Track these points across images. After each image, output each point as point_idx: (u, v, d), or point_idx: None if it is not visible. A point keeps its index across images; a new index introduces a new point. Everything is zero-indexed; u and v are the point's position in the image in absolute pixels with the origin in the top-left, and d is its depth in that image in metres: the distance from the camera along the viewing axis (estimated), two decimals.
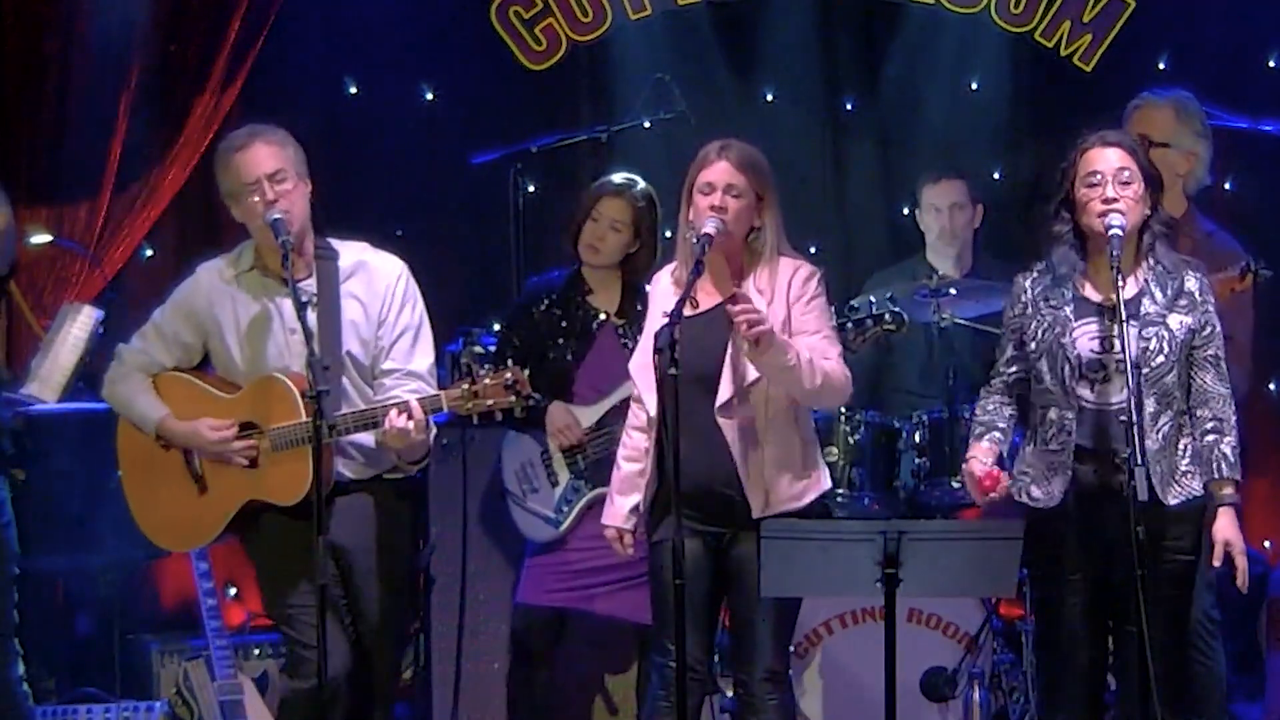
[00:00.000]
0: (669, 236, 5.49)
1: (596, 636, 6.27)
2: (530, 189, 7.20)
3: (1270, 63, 7.78)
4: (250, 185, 5.26)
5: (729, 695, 5.80)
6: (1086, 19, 7.78)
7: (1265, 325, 6.18)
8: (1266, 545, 7.51)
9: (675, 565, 4.94)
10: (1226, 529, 5.05)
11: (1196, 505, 5.08)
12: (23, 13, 7.19)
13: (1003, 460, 5.23)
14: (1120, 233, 4.98)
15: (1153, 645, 4.85)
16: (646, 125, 7.27)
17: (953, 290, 6.59)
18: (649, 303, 5.39)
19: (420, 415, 5.17)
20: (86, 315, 6.72)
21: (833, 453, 6.44)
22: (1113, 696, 5.29)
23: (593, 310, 6.08)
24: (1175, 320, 5.05)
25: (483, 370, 5.18)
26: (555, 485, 6.06)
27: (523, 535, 6.13)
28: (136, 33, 7.21)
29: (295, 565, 5.22)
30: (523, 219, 7.05)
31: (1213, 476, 5.06)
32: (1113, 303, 4.94)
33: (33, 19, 7.18)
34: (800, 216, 6.81)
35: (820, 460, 5.27)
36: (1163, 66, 7.69)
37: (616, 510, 5.32)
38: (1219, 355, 5.11)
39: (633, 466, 5.29)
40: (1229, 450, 5.06)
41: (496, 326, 6.66)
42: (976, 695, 6.28)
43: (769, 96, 7.89)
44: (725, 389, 5.13)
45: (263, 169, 5.25)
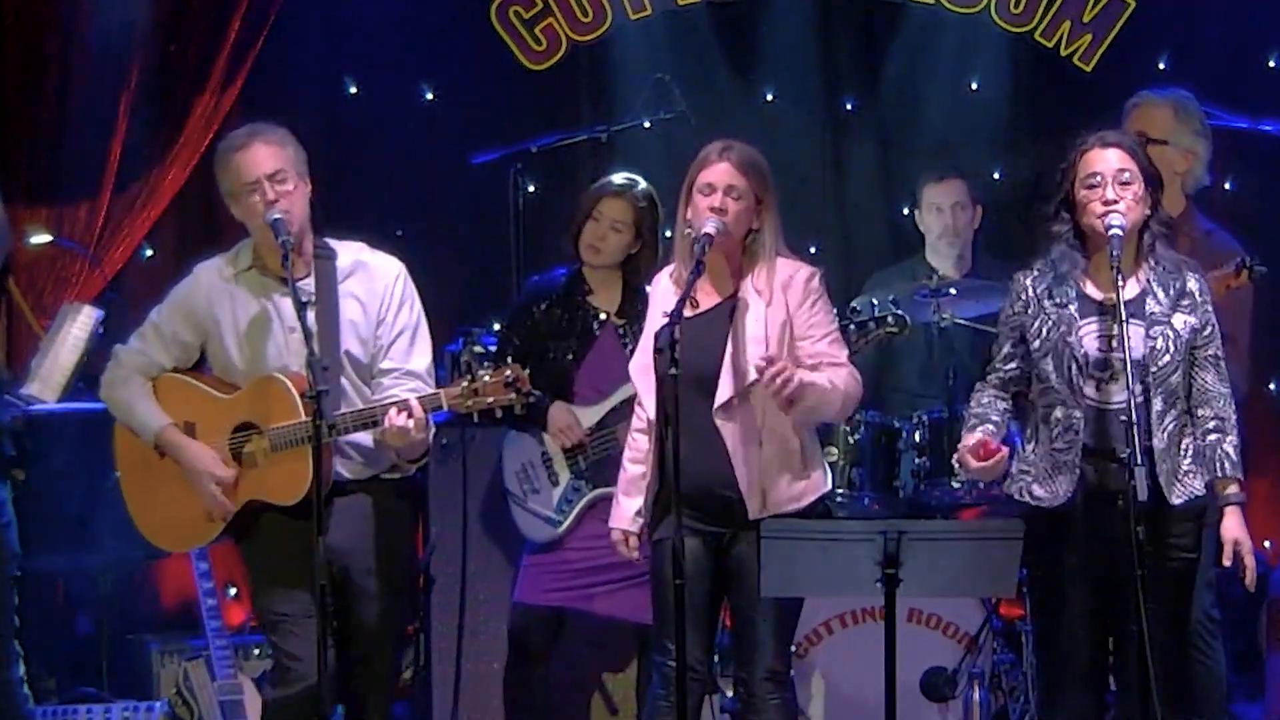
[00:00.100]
0: (669, 237, 5.48)
1: (594, 635, 6.26)
2: (530, 189, 7.20)
3: (1270, 63, 7.78)
4: (250, 185, 5.24)
5: (729, 695, 5.79)
6: (1086, 19, 7.78)
7: (1265, 324, 6.18)
8: (1266, 545, 7.50)
9: (675, 565, 4.95)
10: (1235, 528, 5.05)
11: (1198, 505, 5.08)
12: (23, 13, 7.19)
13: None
14: (1120, 233, 4.97)
15: (1153, 645, 4.85)
16: (646, 125, 7.27)
17: (953, 290, 6.60)
18: (648, 304, 5.39)
19: (420, 413, 5.15)
20: (86, 315, 6.72)
21: (833, 453, 6.44)
22: (1113, 696, 5.28)
23: (593, 310, 6.07)
24: (1179, 320, 5.05)
25: (482, 368, 5.17)
26: (556, 485, 6.05)
27: (523, 535, 6.13)
28: (136, 33, 7.21)
29: (291, 567, 5.20)
30: (523, 219, 7.04)
31: (1216, 476, 5.06)
32: (1114, 302, 4.95)
33: (33, 19, 7.18)
34: (800, 216, 6.83)
35: (821, 461, 5.26)
36: (1163, 66, 7.69)
37: (622, 513, 5.31)
38: (1219, 355, 5.11)
39: (637, 469, 5.29)
40: (1231, 449, 5.06)
41: (496, 326, 6.65)
42: (976, 695, 6.28)
43: (769, 96, 7.89)
44: (724, 390, 5.12)
45: (263, 169, 5.24)
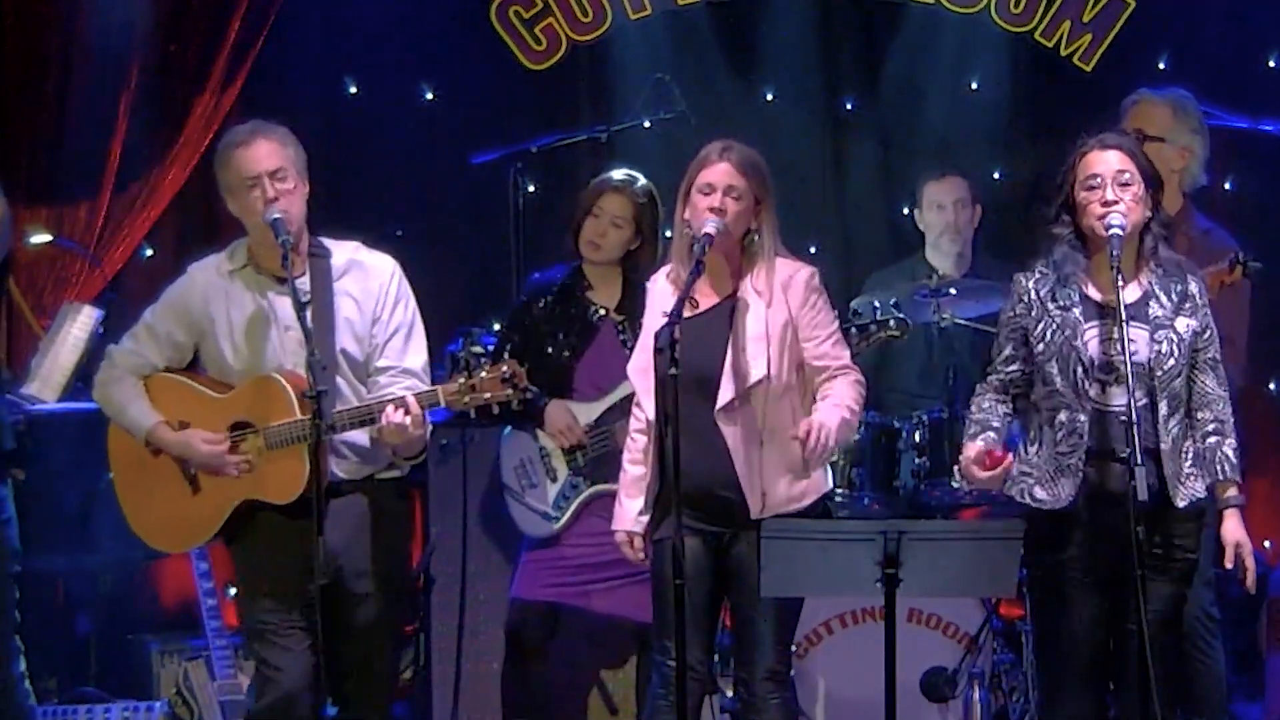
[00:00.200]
0: (669, 237, 5.48)
1: (591, 632, 6.26)
2: (530, 189, 7.20)
3: (1270, 63, 7.77)
4: (250, 180, 5.22)
5: (729, 695, 5.79)
6: (1086, 19, 7.78)
7: (1263, 324, 6.18)
8: (1266, 545, 7.50)
9: (675, 565, 4.95)
10: (1236, 531, 5.06)
11: (1199, 506, 5.08)
12: (23, 13, 7.19)
13: None
14: (1120, 233, 4.96)
15: (1153, 645, 4.85)
16: (646, 125, 7.27)
17: (953, 290, 6.61)
18: (646, 304, 5.38)
19: (417, 410, 5.13)
20: (86, 315, 6.72)
21: (833, 453, 6.43)
22: (1113, 697, 5.28)
23: (592, 306, 6.07)
24: (1182, 323, 5.05)
25: (479, 365, 5.17)
26: (553, 481, 6.05)
27: (521, 532, 6.12)
28: (136, 33, 7.22)
29: (282, 572, 5.19)
30: (523, 219, 7.04)
31: (1216, 479, 5.06)
32: (1115, 304, 4.94)
33: (33, 19, 7.19)
34: (800, 216, 6.84)
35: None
36: (1163, 66, 7.68)
37: (625, 514, 5.28)
38: (1218, 357, 5.11)
39: (637, 470, 5.28)
40: (1230, 452, 5.06)
41: (496, 326, 6.65)
42: (976, 695, 6.28)
43: (769, 96, 7.88)
44: (726, 391, 5.12)
45: (264, 166, 5.22)
